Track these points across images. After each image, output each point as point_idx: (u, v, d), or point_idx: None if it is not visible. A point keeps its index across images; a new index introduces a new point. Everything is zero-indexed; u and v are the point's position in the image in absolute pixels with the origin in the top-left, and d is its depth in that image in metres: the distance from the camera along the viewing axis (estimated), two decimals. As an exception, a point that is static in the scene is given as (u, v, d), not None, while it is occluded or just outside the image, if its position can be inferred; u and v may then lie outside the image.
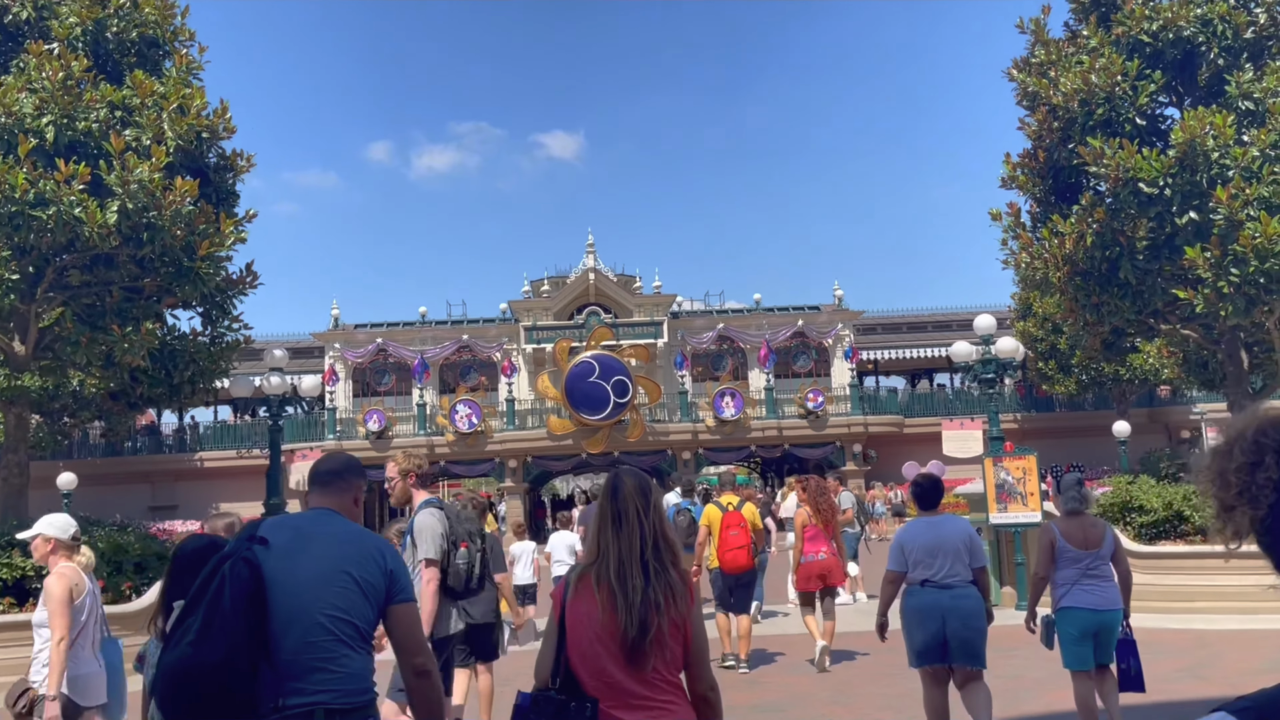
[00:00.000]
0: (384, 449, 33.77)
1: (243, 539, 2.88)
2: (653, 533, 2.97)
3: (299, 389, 14.07)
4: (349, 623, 2.89)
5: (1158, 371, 31.19)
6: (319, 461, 3.24)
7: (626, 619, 2.82)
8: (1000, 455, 13.04)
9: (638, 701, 2.83)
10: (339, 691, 2.83)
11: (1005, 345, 13.74)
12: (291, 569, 2.85)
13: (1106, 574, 6.20)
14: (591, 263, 35.45)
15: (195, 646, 2.61)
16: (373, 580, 2.95)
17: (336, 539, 2.98)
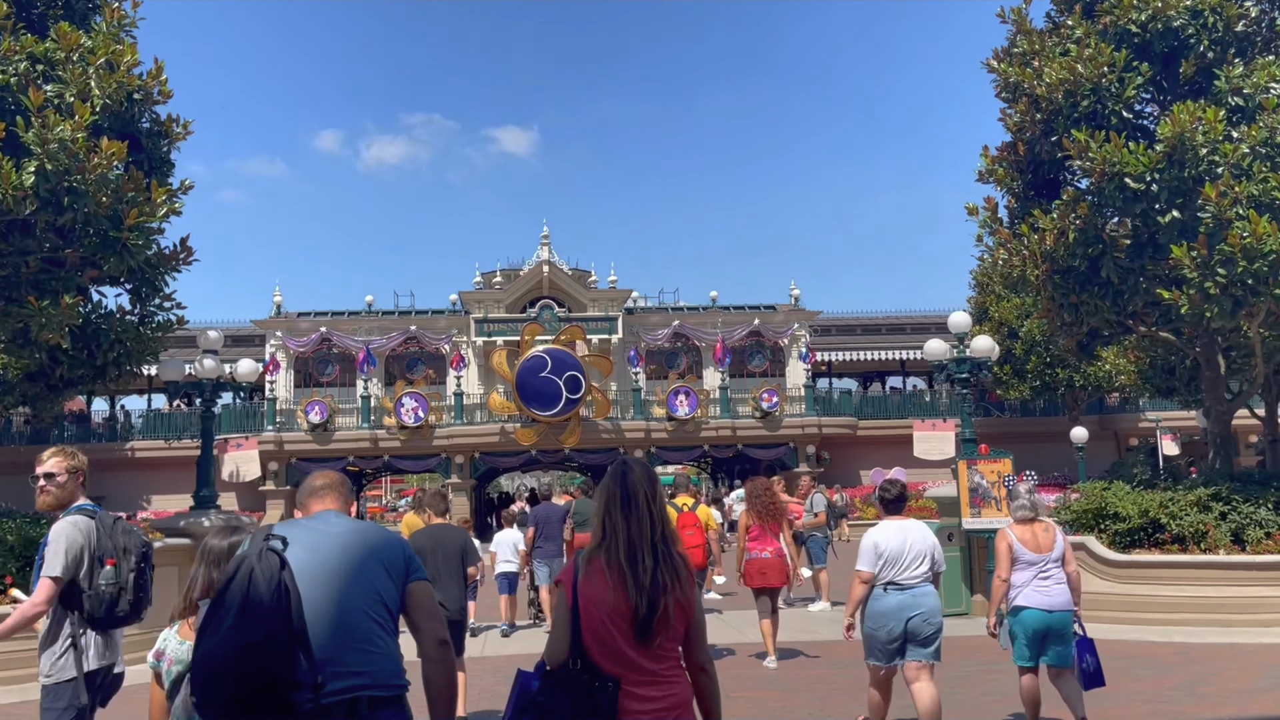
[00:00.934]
0: (325, 441, 32.69)
1: (259, 538, 2.89)
2: (660, 517, 3.15)
3: (235, 374, 13.10)
4: (383, 606, 3.00)
5: (1111, 378, 31.19)
6: (312, 478, 3.34)
7: (637, 599, 2.98)
8: (974, 458, 12.55)
9: (647, 677, 3.00)
10: (379, 673, 2.91)
11: (980, 344, 13.26)
12: (321, 560, 2.95)
13: (1058, 577, 6.54)
14: (546, 254, 34.60)
15: (234, 631, 2.64)
16: (396, 564, 3.08)
17: (356, 530, 3.12)
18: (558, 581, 3.23)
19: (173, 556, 11.67)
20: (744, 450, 34.19)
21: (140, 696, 9.25)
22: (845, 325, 42.45)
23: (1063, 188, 13.43)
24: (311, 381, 34.47)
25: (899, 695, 6.78)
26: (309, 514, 3.27)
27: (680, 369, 35.54)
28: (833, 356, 39.60)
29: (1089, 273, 12.67)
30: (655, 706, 3.03)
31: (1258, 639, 10.40)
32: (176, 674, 3.40)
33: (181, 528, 11.90)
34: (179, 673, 3.38)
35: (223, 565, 3.42)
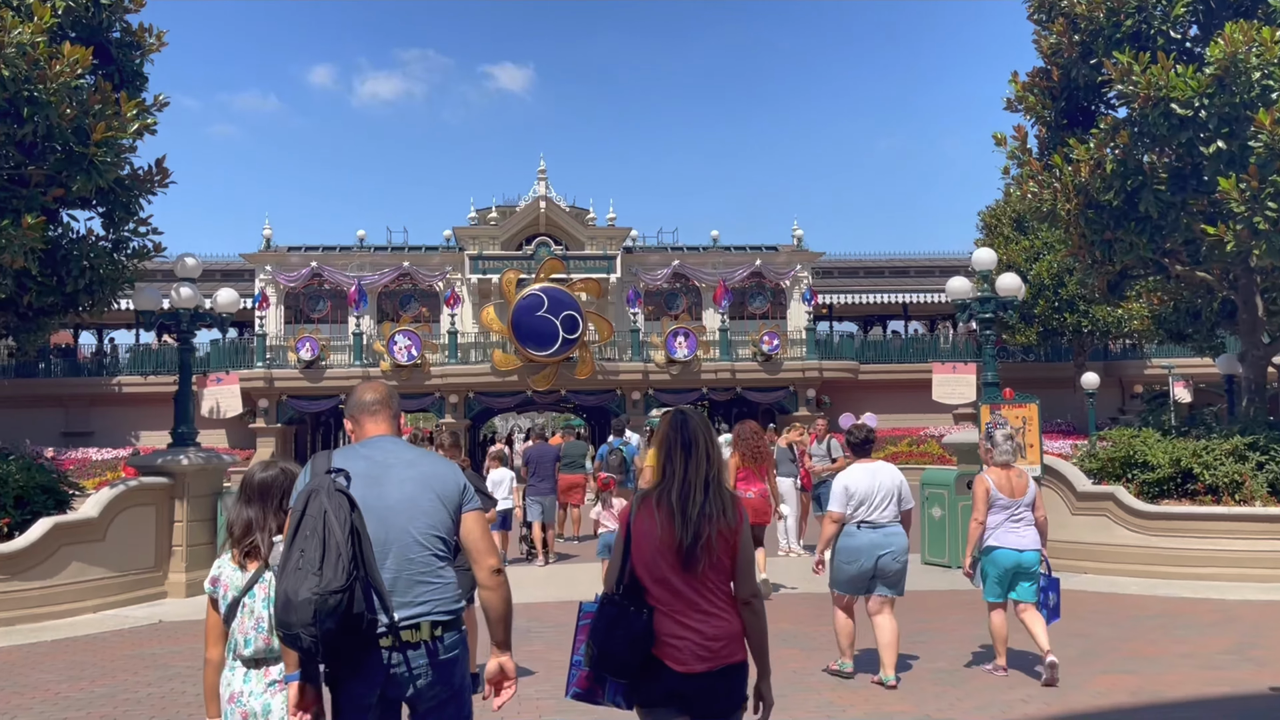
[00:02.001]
0: (316, 379, 31.98)
1: (323, 473, 3.04)
2: (715, 459, 3.40)
3: (215, 305, 12.31)
4: (440, 538, 3.14)
5: (1120, 323, 30.54)
6: (362, 391, 3.39)
7: (683, 530, 3.23)
8: (998, 402, 11.88)
9: (692, 606, 3.22)
10: (440, 600, 3.08)
11: (1006, 283, 12.52)
12: (381, 494, 3.07)
13: (1028, 519, 6.98)
14: (543, 190, 33.59)
15: (319, 575, 2.82)
16: (451, 495, 3.20)
17: (410, 463, 3.21)
18: (611, 515, 3.76)
19: (149, 495, 11.03)
20: (743, 393, 33.57)
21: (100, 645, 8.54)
22: (847, 267, 41.61)
23: (1098, 117, 12.60)
24: (302, 318, 33.66)
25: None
26: (363, 436, 3.35)
27: (680, 310, 34.78)
28: (834, 299, 38.85)
29: (1125, 207, 11.90)
30: (699, 637, 3.21)
31: (1298, 595, 9.84)
32: (232, 599, 3.53)
33: (158, 465, 11.23)
34: (234, 598, 3.52)
35: (250, 503, 3.63)
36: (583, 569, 12.39)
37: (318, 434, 39.07)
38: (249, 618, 3.49)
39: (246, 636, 3.48)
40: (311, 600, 2.81)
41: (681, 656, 3.19)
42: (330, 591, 2.82)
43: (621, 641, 3.17)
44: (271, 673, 3.46)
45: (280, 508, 3.57)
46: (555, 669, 6.60)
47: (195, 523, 11.29)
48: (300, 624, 2.84)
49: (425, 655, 3.03)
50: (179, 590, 11.04)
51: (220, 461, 11.68)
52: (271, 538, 3.53)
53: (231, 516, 3.65)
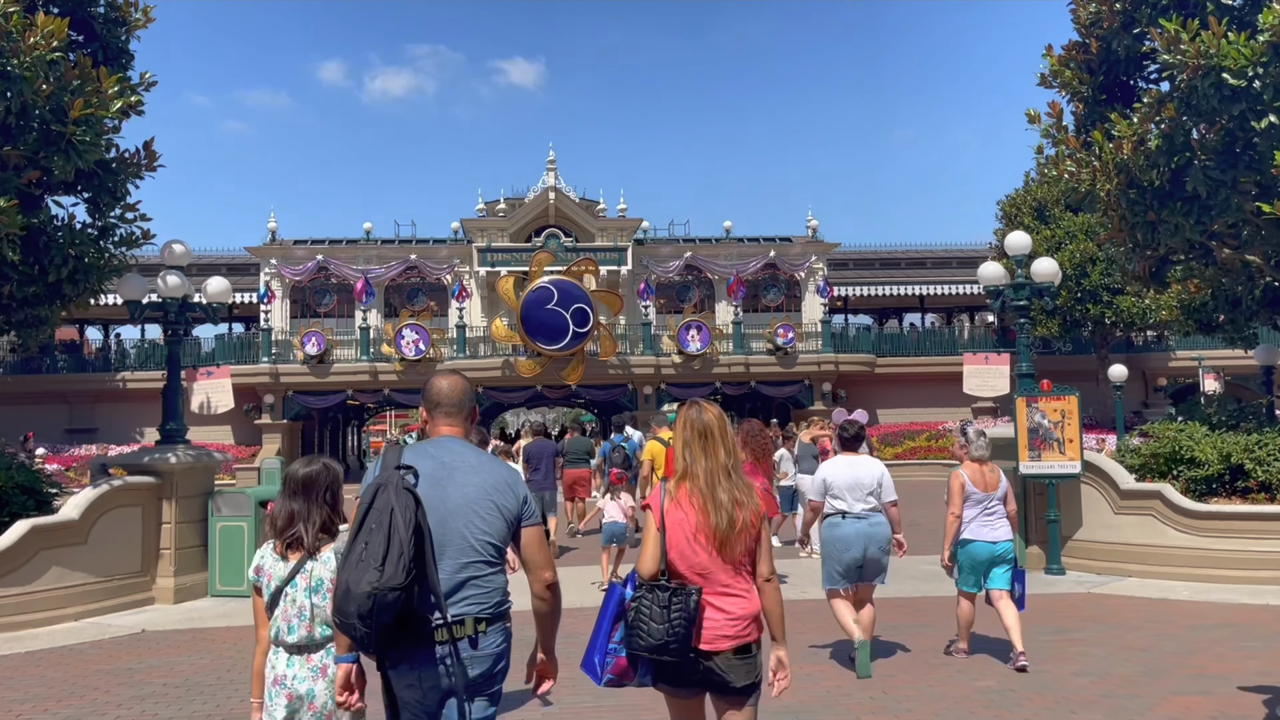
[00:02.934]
0: (323, 374, 31.42)
1: (393, 468, 3.12)
2: (731, 448, 3.65)
3: (206, 294, 11.67)
4: (494, 545, 3.22)
5: (1145, 314, 29.69)
6: (442, 386, 3.45)
7: (717, 516, 3.48)
8: (1035, 394, 11.17)
9: (724, 589, 3.46)
10: (487, 600, 3.18)
11: (1043, 268, 11.78)
12: (443, 496, 3.17)
13: (1000, 513, 7.27)
14: (552, 180, 32.92)
15: (380, 570, 2.90)
16: (511, 506, 3.27)
17: (475, 468, 3.28)
18: (645, 505, 3.66)
19: (136, 495, 10.41)
20: (757, 387, 32.87)
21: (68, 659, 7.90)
22: (863, 259, 40.83)
23: (1140, 92, 11.87)
24: (308, 312, 33.11)
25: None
26: (435, 433, 3.41)
27: (692, 302, 34.08)
28: (849, 291, 38.09)
29: (1170, 186, 11.16)
30: (727, 617, 3.43)
31: (1365, 602, 9.12)
32: (275, 588, 3.63)
33: (145, 464, 10.61)
34: (277, 586, 3.61)
35: (295, 496, 3.72)
36: (580, 573, 11.72)
37: (325, 430, 38.54)
38: (291, 606, 3.59)
39: (290, 624, 3.59)
40: (371, 594, 2.89)
41: (709, 636, 3.39)
42: (390, 588, 2.89)
43: (679, 622, 3.32)
44: (314, 659, 3.58)
45: (324, 500, 3.73)
46: (570, 683, 5.95)
47: (184, 525, 10.67)
48: (357, 615, 2.91)
49: (470, 648, 3.11)
50: (167, 596, 10.42)
51: (211, 460, 11.06)
52: (316, 530, 3.67)
53: (275, 508, 3.73)
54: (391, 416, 66.51)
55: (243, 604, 10.16)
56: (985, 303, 41.00)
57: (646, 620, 3.36)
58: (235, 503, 10.77)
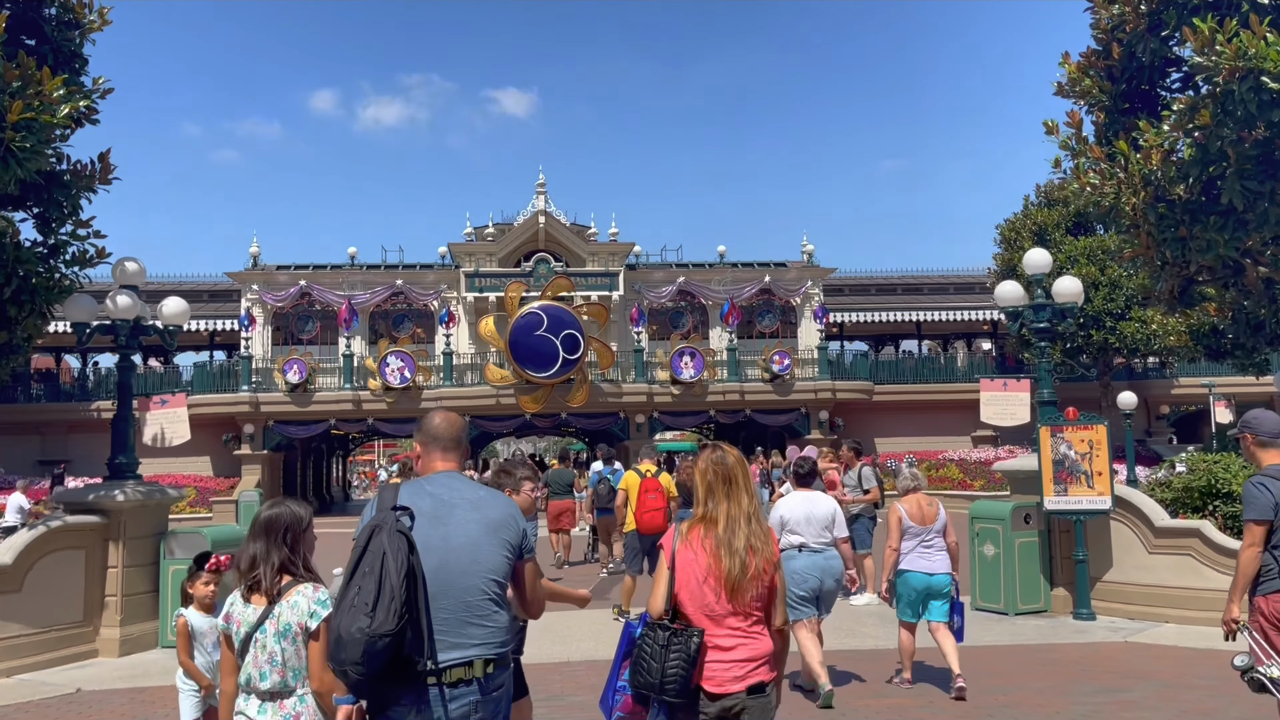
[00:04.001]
0: (304, 402, 30.44)
1: (389, 510, 3.06)
2: (751, 493, 3.61)
3: (161, 315, 10.76)
4: (497, 583, 3.18)
5: (1149, 340, 28.98)
6: (436, 423, 3.40)
7: (730, 561, 3.43)
8: (1060, 424, 10.34)
9: (734, 632, 3.42)
10: (492, 640, 3.12)
11: (1066, 287, 11.00)
12: (445, 535, 3.12)
13: (939, 545, 7.46)
14: (542, 204, 32.14)
15: (371, 617, 2.84)
16: (513, 541, 3.24)
17: (475, 504, 3.24)
18: (659, 545, 3.66)
19: (78, 537, 9.47)
20: (752, 415, 32.00)
21: None
22: (858, 285, 40.12)
23: (1164, 100, 11.14)
24: (291, 339, 32.17)
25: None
26: (430, 469, 3.36)
27: (685, 329, 33.27)
28: (845, 317, 37.29)
29: (1202, 199, 10.40)
30: (736, 658, 3.42)
31: None
32: (244, 634, 3.56)
33: (89, 502, 9.67)
34: (246, 633, 3.54)
35: (256, 539, 3.62)
36: (573, 620, 10.77)
37: (308, 460, 37.50)
38: (262, 652, 3.50)
39: (261, 670, 3.50)
40: (361, 641, 2.84)
41: (720, 678, 3.37)
42: (380, 635, 2.84)
43: (677, 663, 3.30)
44: (286, 705, 3.49)
45: (283, 541, 3.60)
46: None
47: (133, 569, 9.72)
48: (349, 661, 2.87)
49: (477, 691, 3.06)
50: (111, 649, 9.45)
51: (165, 496, 10.12)
52: (274, 571, 3.55)
53: (240, 551, 3.68)
54: (380, 446, 65.47)
55: (194, 657, 9.20)
56: (983, 329, 40.71)
57: (647, 659, 3.37)
58: (190, 544, 9.82)
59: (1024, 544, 10.46)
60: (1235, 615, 4.88)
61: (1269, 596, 4.81)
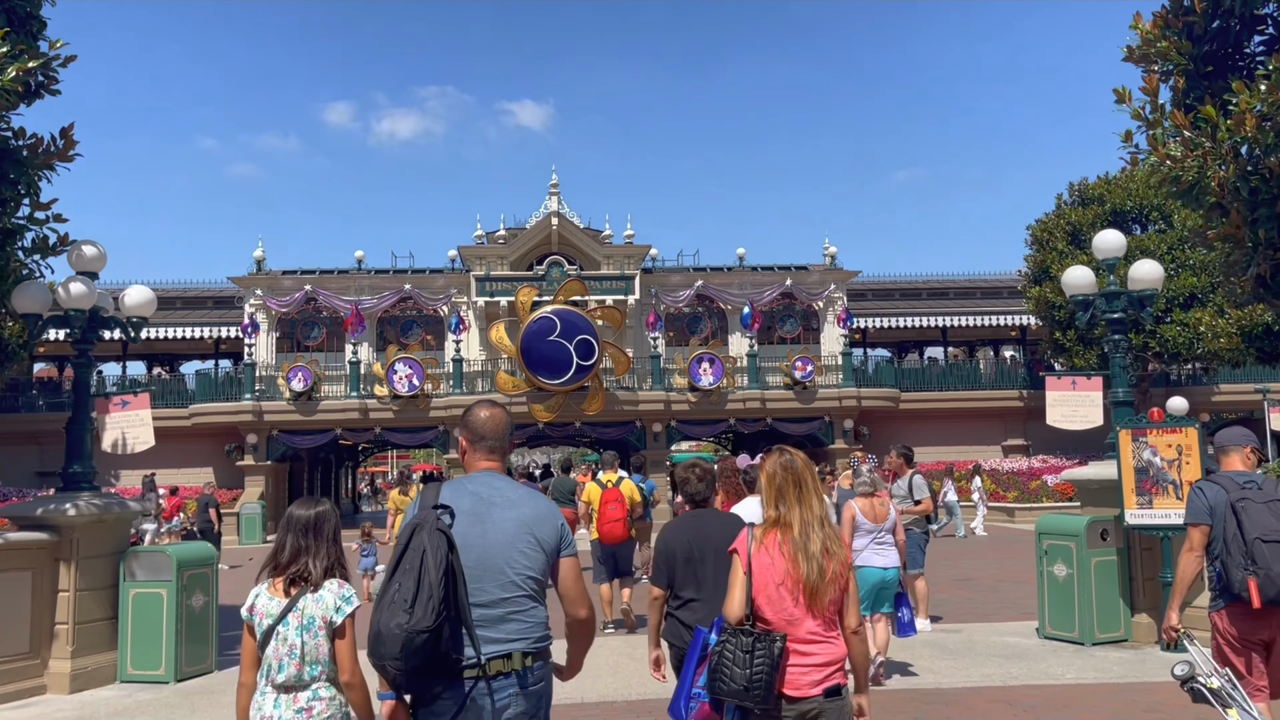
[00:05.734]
0: (309, 411, 29.34)
1: (430, 509, 3.15)
2: (820, 496, 3.63)
3: (123, 306, 9.59)
4: (534, 579, 3.23)
5: (1191, 344, 27.61)
6: (481, 419, 3.45)
7: (808, 566, 3.46)
8: (1142, 426, 9.06)
9: (812, 636, 3.43)
10: (529, 635, 3.18)
11: (1145, 272, 9.73)
12: (483, 532, 3.19)
13: (890, 541, 8.05)
14: (554, 205, 31.01)
15: (410, 614, 2.91)
16: (550, 539, 3.30)
17: (513, 503, 3.29)
18: (731, 550, 3.63)
19: (24, 558, 8.31)
20: (774, 424, 30.70)
21: None
22: (882, 289, 38.88)
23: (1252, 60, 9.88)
24: (296, 346, 31.09)
25: None
26: (474, 468, 3.43)
27: (704, 334, 32.04)
28: (868, 323, 35.99)
29: (1304, 170, 9.11)
30: (814, 662, 3.43)
31: None
32: (267, 626, 3.58)
33: (38, 517, 8.51)
34: (269, 625, 3.58)
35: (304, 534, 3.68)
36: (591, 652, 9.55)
37: (315, 471, 36.41)
38: (282, 645, 3.55)
39: (280, 662, 3.55)
40: (399, 637, 2.90)
41: (799, 683, 3.39)
42: (418, 631, 2.90)
43: (762, 668, 3.32)
44: (300, 699, 3.52)
45: (331, 539, 3.70)
46: None
47: (87, 593, 8.56)
48: (389, 656, 2.93)
49: (516, 684, 3.11)
50: (61, 684, 8.28)
51: (125, 510, 8.96)
52: (324, 566, 3.63)
53: (278, 542, 3.70)
54: (393, 457, 64.34)
55: (158, 693, 8.02)
56: (1011, 334, 39.27)
57: (730, 665, 3.36)
58: (153, 565, 8.67)
59: (1101, 563, 9.18)
60: (1175, 623, 4.90)
61: (1221, 612, 4.80)
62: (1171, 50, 10.28)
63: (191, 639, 8.70)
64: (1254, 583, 4.58)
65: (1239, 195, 9.59)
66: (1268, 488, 4.82)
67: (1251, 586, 4.58)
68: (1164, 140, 10.09)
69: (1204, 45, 10.19)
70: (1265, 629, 4.69)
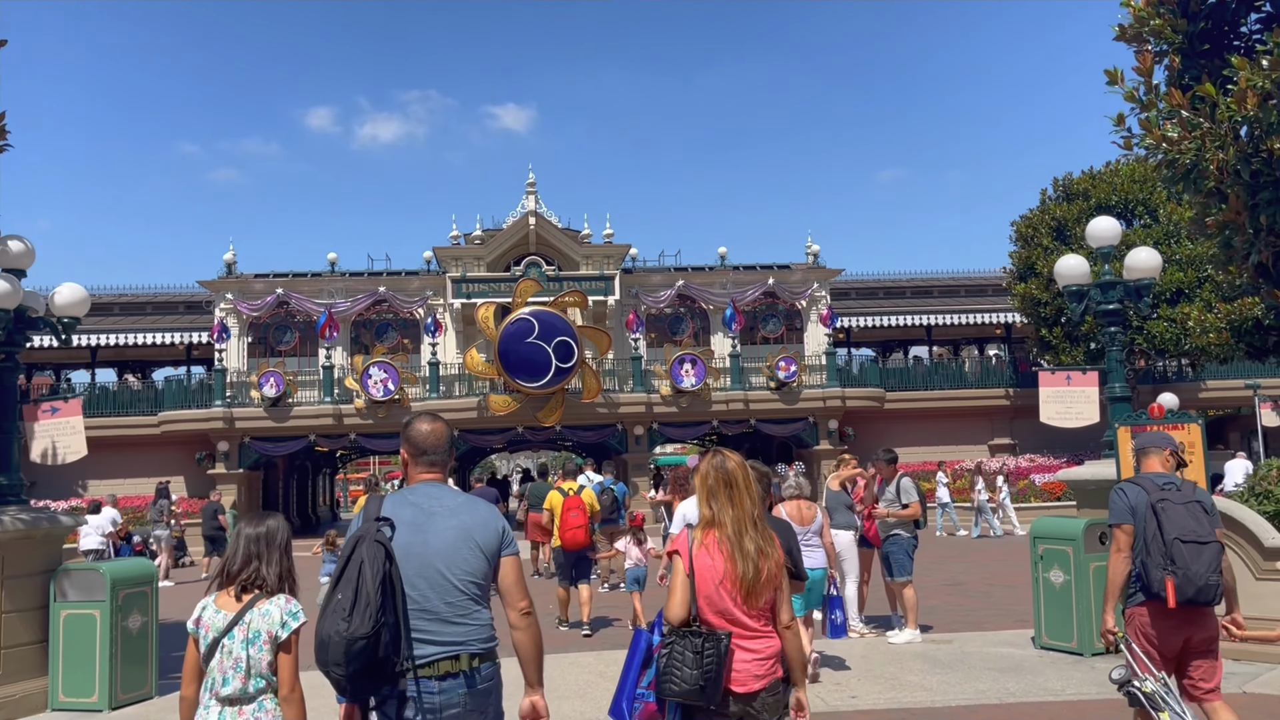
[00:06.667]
0: (281, 418, 28.63)
1: (371, 521, 3.28)
2: (755, 497, 3.70)
3: (53, 305, 8.95)
4: (476, 583, 3.38)
5: (1178, 340, 27.27)
6: (424, 431, 3.56)
7: (744, 565, 3.52)
8: (1143, 423, 8.56)
9: (750, 633, 3.53)
10: (476, 636, 3.33)
11: (1141, 260, 9.24)
12: (424, 541, 3.34)
13: (816, 544, 8.35)
14: (532, 204, 30.42)
15: (348, 621, 3.05)
16: (489, 543, 3.44)
17: (454, 511, 3.45)
18: (671, 552, 3.73)
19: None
20: (758, 426, 30.22)
21: None
22: (865, 288, 38.43)
23: (1248, 39, 9.43)
24: (268, 351, 30.38)
25: None
26: (415, 479, 3.56)
27: (686, 335, 31.50)
28: (852, 322, 35.53)
29: (1309, 151, 8.63)
30: (755, 658, 3.53)
31: None
32: (212, 639, 3.59)
33: (-42, 535, 7.87)
34: (214, 638, 3.59)
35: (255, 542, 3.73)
36: (556, 670, 9.01)
37: (290, 479, 35.67)
38: (228, 658, 3.55)
39: (225, 675, 3.56)
40: (340, 644, 3.04)
41: (741, 678, 3.48)
42: (355, 638, 3.04)
43: (712, 667, 3.39)
44: (245, 712, 3.53)
45: (284, 553, 3.74)
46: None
47: (14, 614, 7.92)
48: (332, 662, 3.08)
49: (464, 684, 3.25)
50: (-16, 715, 7.66)
51: (56, 526, 8.32)
52: (277, 573, 3.67)
53: (230, 551, 3.74)
54: (375, 463, 63.48)
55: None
56: (996, 332, 38.88)
57: (679, 666, 3.42)
58: (85, 584, 8.04)
59: (1100, 569, 8.58)
60: (1111, 626, 4.96)
61: (1137, 609, 4.91)
62: (1165, 28, 9.82)
63: (128, 663, 8.07)
64: (1171, 582, 4.68)
65: (1239, 179, 9.14)
66: (1186, 489, 4.96)
67: (1169, 586, 4.68)
68: (1159, 122, 9.62)
69: (1199, 22, 9.75)
70: (1181, 631, 4.79)
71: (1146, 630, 4.84)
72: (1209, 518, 4.86)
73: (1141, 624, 4.86)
